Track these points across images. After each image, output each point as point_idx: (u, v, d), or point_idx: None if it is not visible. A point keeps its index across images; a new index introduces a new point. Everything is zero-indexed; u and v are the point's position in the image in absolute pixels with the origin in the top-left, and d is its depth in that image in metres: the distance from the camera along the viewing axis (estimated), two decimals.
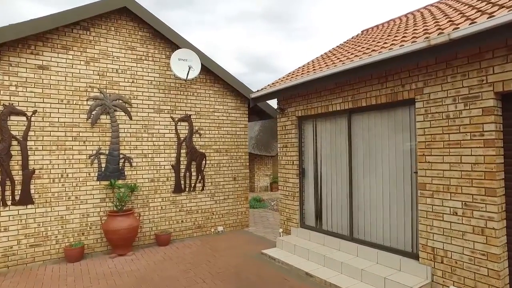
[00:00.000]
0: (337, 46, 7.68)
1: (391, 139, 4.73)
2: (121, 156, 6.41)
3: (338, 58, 5.58)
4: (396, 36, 4.94)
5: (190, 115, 7.33)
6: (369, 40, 6.11)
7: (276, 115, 8.37)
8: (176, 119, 7.13)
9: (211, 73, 7.64)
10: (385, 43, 4.79)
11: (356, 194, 5.24)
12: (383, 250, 4.66)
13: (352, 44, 6.68)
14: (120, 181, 6.37)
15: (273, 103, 11.64)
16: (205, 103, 7.60)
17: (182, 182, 7.16)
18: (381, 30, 6.84)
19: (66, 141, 5.86)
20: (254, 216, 9.60)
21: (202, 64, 7.09)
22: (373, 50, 4.62)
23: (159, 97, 6.94)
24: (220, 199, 7.75)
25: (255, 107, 8.58)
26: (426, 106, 4.05)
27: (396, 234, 4.61)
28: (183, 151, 7.20)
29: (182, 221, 7.16)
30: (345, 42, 7.82)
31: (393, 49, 3.99)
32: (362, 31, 8.44)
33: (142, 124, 6.71)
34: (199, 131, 7.46)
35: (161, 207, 6.89)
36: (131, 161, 6.53)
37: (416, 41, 3.73)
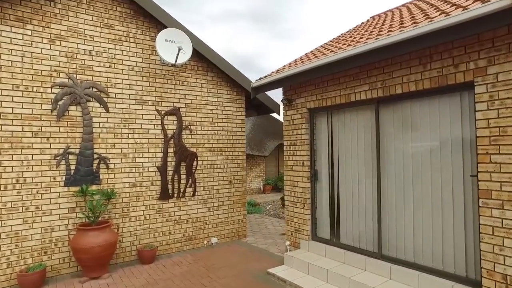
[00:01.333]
0: (348, 31, 6.74)
1: (435, 133, 3.80)
2: (95, 156, 5.27)
3: (361, 38, 4.62)
4: (438, 8, 4.01)
5: (179, 108, 6.24)
6: (395, 20, 5.18)
7: (277, 109, 7.37)
8: (163, 112, 6.04)
9: (204, 59, 6.57)
10: (427, 16, 3.86)
11: (386, 201, 4.30)
12: (427, 273, 3.72)
13: (371, 27, 5.75)
14: (94, 187, 5.24)
15: (274, 95, 10.53)
16: (196, 95, 6.53)
17: (170, 186, 6.07)
18: (407, 11, 5.92)
19: (24, 137, 4.69)
20: (251, 223, 8.57)
21: (193, 49, 6.02)
22: (415, 23, 3.68)
23: (142, 86, 5.83)
24: (213, 206, 6.69)
25: (253, 100, 7.56)
26: (492, 90, 3.12)
27: (445, 252, 3.68)
28: (170, 150, 6.11)
29: (169, 232, 6.07)
30: (357, 27, 6.89)
31: (452, 15, 3.05)
32: (373, 17, 7.54)
33: (122, 118, 5.58)
34: (189, 126, 6.39)
35: (145, 217, 5.78)
36: (108, 162, 5.40)
37: (489, 1, 2.80)
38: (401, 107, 4.13)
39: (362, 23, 7.27)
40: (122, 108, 5.59)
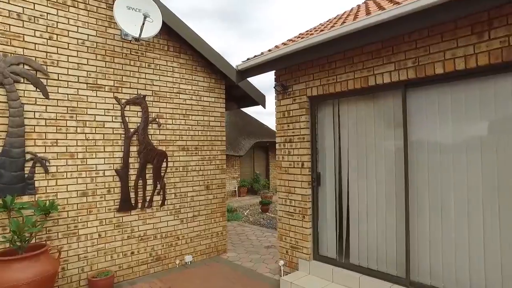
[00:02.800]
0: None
1: (486, 126, 2.92)
2: (28, 157, 3.91)
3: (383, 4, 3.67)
4: None
5: (144, 96, 4.99)
6: None
7: (263, 101, 6.31)
8: (124, 101, 4.76)
9: (176, 37, 5.36)
10: None
11: (417, 212, 3.37)
12: None
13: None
14: (26, 198, 3.88)
15: (259, 84, 9.47)
16: (166, 81, 5.30)
17: (132, 194, 4.81)
18: None
19: None
20: (230, 233, 7.44)
21: (164, 23, 4.79)
22: None
23: (96, 66, 4.52)
24: (187, 217, 5.49)
25: (234, 91, 6.45)
26: None
27: (506, 284, 2.80)
28: (133, 148, 4.85)
29: (132, 252, 4.80)
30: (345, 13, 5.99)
31: None
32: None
33: (68, 107, 4.25)
34: (157, 119, 5.15)
35: (99, 235, 4.48)
36: (47, 164, 4.05)
37: None
38: (439, 92, 3.21)
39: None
40: (68, 94, 4.25)
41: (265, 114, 55.32)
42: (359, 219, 3.91)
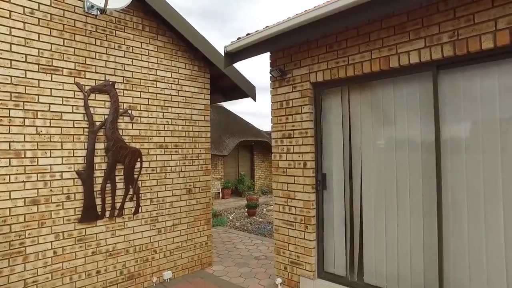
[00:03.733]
0: None
1: None
2: None
3: None
4: None
5: (113, 83, 4.16)
6: None
7: (253, 92, 5.58)
8: (88, 88, 3.92)
9: (153, 15, 4.55)
10: None
11: (451, 221, 2.73)
12: None
13: None
14: None
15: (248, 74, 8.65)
16: (141, 66, 4.48)
17: (99, 201, 3.97)
18: None
19: None
20: (215, 242, 6.66)
21: None
22: None
23: (51, 44, 3.66)
24: (166, 227, 4.68)
25: (221, 81, 5.69)
26: None
27: None
28: (100, 146, 4.01)
29: (98, 271, 3.95)
30: None
31: None
32: None
33: (11, 93, 3.37)
34: (130, 111, 4.33)
35: (55, 252, 3.61)
36: None
37: None
38: (483, 74, 2.58)
39: None
40: (11, 77, 3.37)
41: (248, 114, 54.45)
42: (376, 228, 3.24)
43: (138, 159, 4.38)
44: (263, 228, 8.17)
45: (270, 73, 3.91)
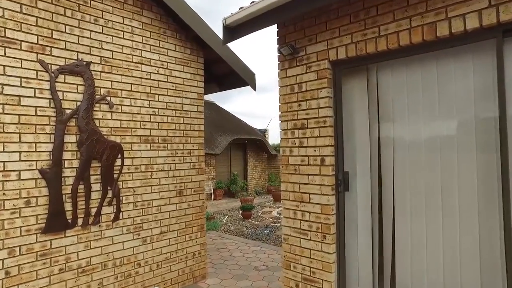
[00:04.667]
0: None
1: None
2: None
3: None
4: None
5: (88, 63, 3.44)
6: None
7: (253, 80, 4.92)
8: (55, 68, 3.19)
9: None
10: None
11: None
12: None
13: None
14: None
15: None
16: (122, 45, 3.77)
17: (69, 206, 3.25)
18: None
19: None
20: (209, 249, 5.96)
21: None
22: None
23: (3, 8, 2.93)
24: (153, 235, 3.98)
25: (215, 67, 5.03)
26: None
27: None
28: (71, 138, 3.29)
29: None
30: None
31: None
32: None
33: None
34: (108, 98, 3.62)
35: (7, 272, 2.88)
36: None
37: None
38: None
39: None
40: None
41: (239, 114, 53.61)
42: (413, 241, 2.62)
43: (119, 156, 3.67)
44: (260, 232, 7.51)
45: (279, 51, 3.25)
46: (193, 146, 4.48)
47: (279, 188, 14.82)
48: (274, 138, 28.24)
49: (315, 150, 3.01)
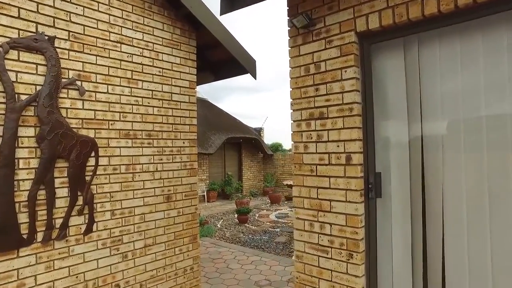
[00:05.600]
0: None
1: None
2: None
3: None
4: None
5: (52, 38, 2.76)
6: None
7: (253, 68, 4.29)
8: (5, 42, 2.50)
9: None
10: None
11: None
12: None
13: None
14: None
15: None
16: (97, 18, 3.09)
17: (25, 217, 2.56)
18: None
19: None
20: (201, 258, 5.31)
21: None
22: None
23: None
24: (135, 249, 3.31)
25: (210, 53, 4.40)
26: None
27: None
28: (27, 131, 2.60)
29: None
30: None
31: None
32: None
33: None
34: (79, 83, 2.94)
35: None
36: None
37: None
38: None
39: None
40: None
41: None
42: (471, 262, 2.00)
43: (92, 153, 3.00)
44: (258, 238, 6.86)
45: (290, 24, 2.61)
46: (183, 142, 3.82)
47: (276, 189, 14.23)
48: (270, 137, 27.66)
49: (338, 146, 2.38)
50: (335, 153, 2.40)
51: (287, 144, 23.68)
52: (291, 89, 2.69)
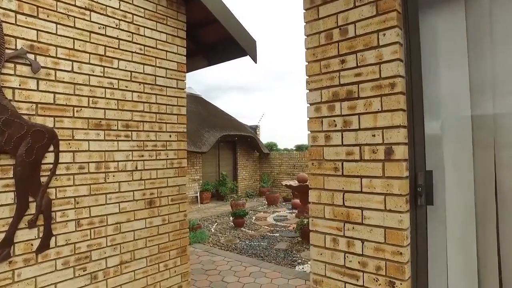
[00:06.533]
0: None
1: None
2: None
3: None
4: None
5: None
6: None
7: (253, 48, 3.68)
8: None
9: None
10: None
11: None
12: None
13: None
14: None
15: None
16: None
17: None
18: None
19: None
20: (192, 269, 4.67)
21: None
22: None
23: None
24: (107, 268, 2.66)
25: (203, 33, 3.77)
26: None
27: None
28: None
29: None
30: None
31: None
32: None
33: None
34: (32, 57, 2.28)
35: None
36: None
37: None
38: None
39: None
40: None
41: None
42: None
43: (51, 148, 2.34)
44: (256, 245, 6.24)
45: None
46: (170, 136, 3.18)
47: (273, 189, 13.58)
48: (264, 137, 27.07)
49: (373, 135, 1.77)
50: (369, 145, 1.78)
51: (282, 144, 23.11)
52: (307, 63, 2.07)
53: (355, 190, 1.83)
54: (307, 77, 2.06)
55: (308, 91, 2.05)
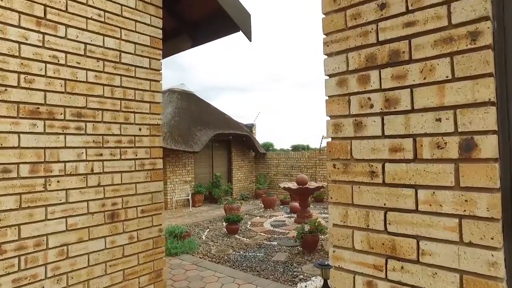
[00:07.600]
0: None
1: None
2: None
3: None
4: None
5: None
6: None
7: (247, 24, 3.01)
8: None
9: None
10: None
11: None
12: None
13: None
14: None
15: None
16: None
17: None
18: None
19: None
20: (178, 286, 3.98)
21: None
22: None
23: None
24: None
25: (186, 9, 3.08)
26: None
27: None
28: None
29: None
30: None
31: None
32: None
33: None
34: None
35: None
36: None
37: None
38: None
39: None
40: None
41: None
42: None
43: None
44: (252, 256, 5.54)
45: None
46: (140, 129, 2.49)
47: (270, 191, 12.85)
48: (262, 134, 26.27)
49: (438, 120, 1.09)
50: (430, 136, 1.11)
51: (279, 144, 22.41)
52: (325, 15, 1.39)
53: (406, 208, 1.15)
54: (325, 36, 1.38)
55: (326, 56, 1.37)
